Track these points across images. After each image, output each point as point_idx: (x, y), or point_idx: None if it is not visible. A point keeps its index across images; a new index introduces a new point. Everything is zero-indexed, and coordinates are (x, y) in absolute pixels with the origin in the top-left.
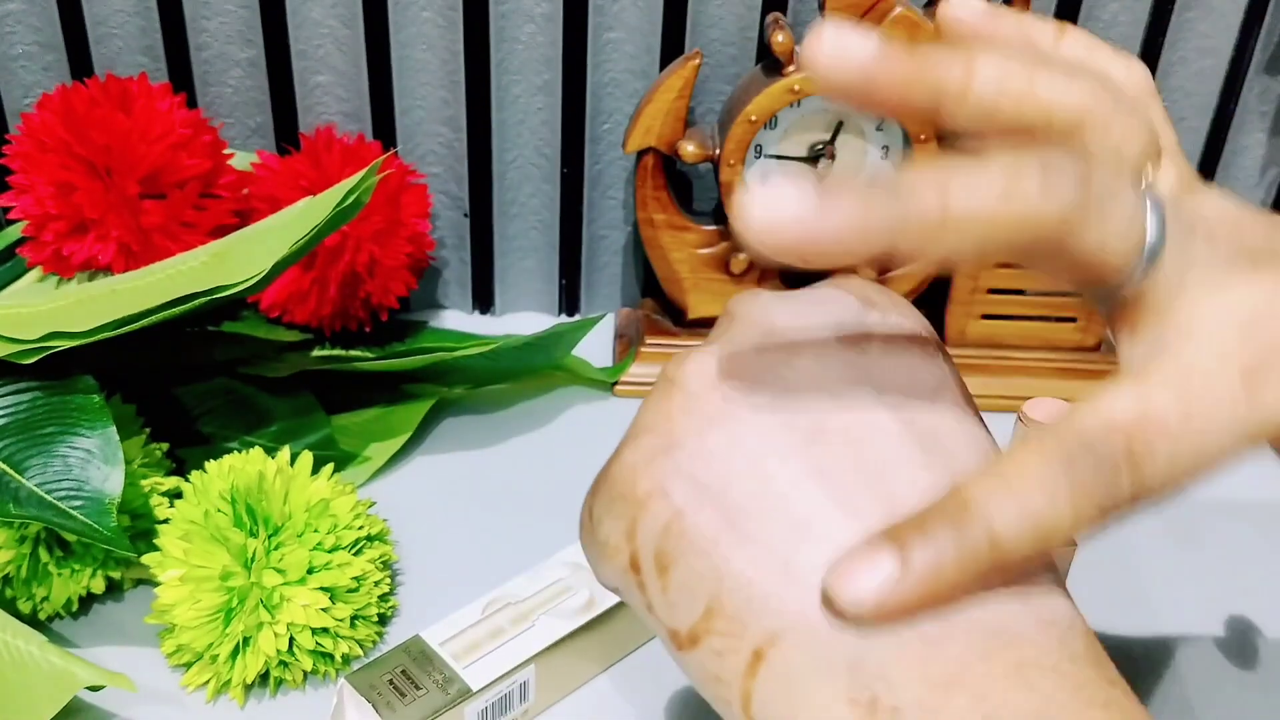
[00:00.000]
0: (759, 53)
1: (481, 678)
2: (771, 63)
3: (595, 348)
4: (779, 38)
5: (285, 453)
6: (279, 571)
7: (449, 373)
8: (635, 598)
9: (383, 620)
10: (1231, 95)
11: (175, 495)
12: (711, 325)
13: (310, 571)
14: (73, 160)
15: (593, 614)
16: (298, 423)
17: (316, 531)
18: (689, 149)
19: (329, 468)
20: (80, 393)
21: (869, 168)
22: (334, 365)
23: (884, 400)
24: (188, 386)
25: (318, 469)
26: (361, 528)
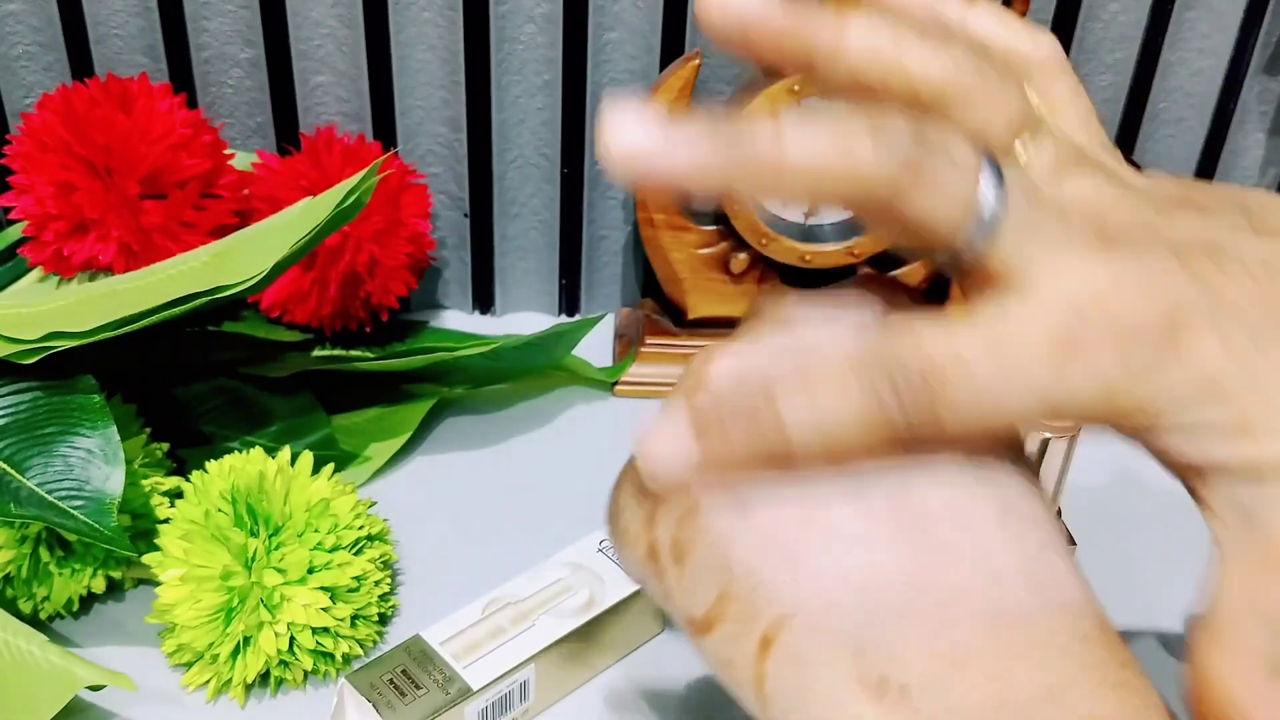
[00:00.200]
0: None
1: (481, 677)
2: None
3: (595, 348)
4: None
5: (285, 453)
6: (279, 571)
7: (449, 373)
8: (654, 586)
9: (383, 620)
10: (1231, 95)
11: (176, 495)
12: (711, 325)
13: (311, 571)
14: (73, 160)
15: (593, 614)
16: (298, 423)
17: (317, 531)
18: None
19: (329, 468)
20: (81, 393)
21: None
22: (334, 365)
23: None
24: (188, 386)
25: (318, 469)
26: (362, 527)
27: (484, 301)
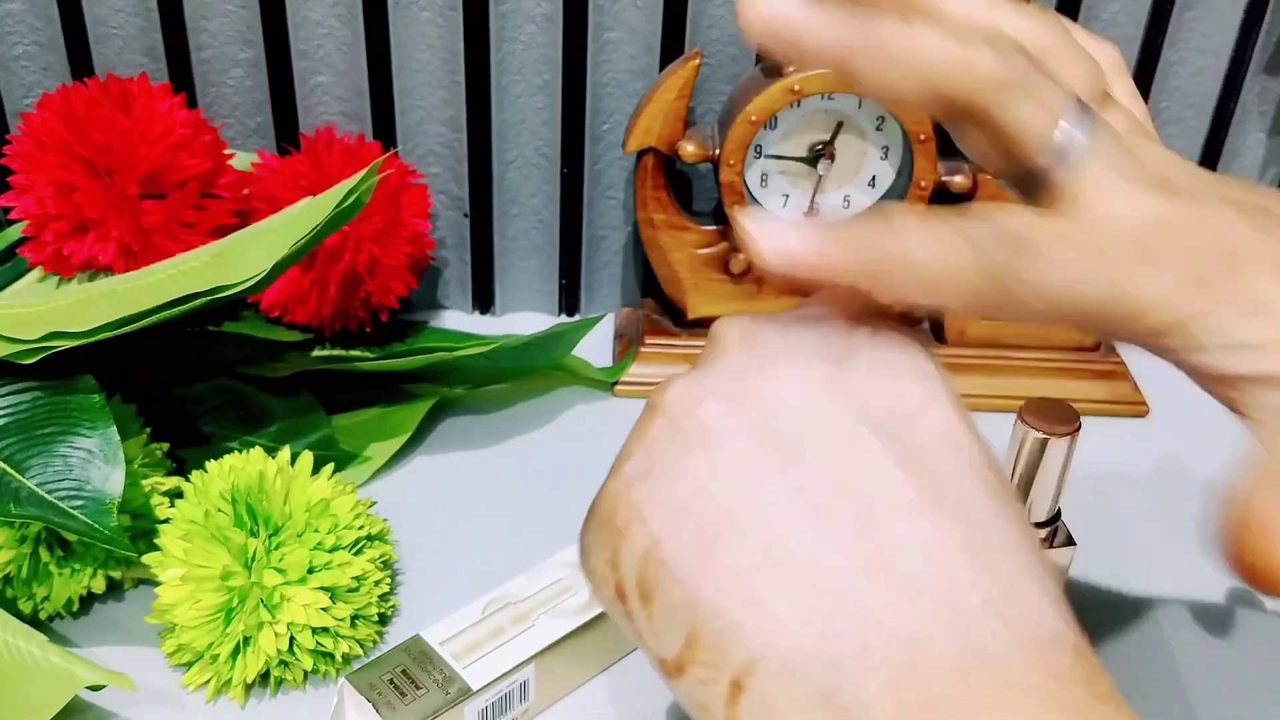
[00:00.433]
0: (759, 53)
1: (481, 677)
2: (771, 63)
3: (595, 348)
4: None
5: (285, 453)
6: (279, 571)
7: (449, 373)
8: (626, 626)
9: (383, 620)
10: (1231, 95)
11: (176, 495)
12: (711, 325)
13: (310, 571)
14: (73, 160)
15: (593, 614)
16: (298, 423)
17: (317, 531)
18: (689, 149)
19: (329, 468)
20: (81, 393)
21: (868, 168)
22: (334, 365)
23: (867, 419)
24: (188, 386)
25: (318, 469)
26: (361, 527)
27: (484, 301)
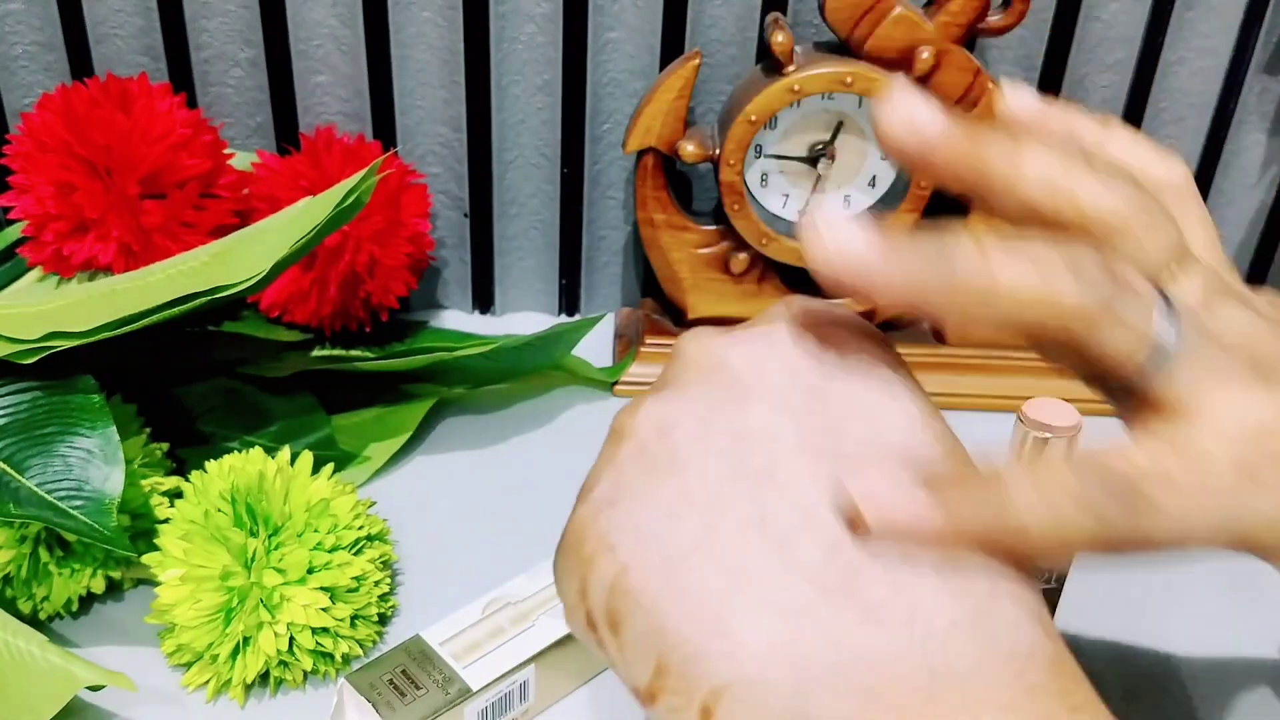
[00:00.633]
0: (759, 53)
1: (481, 677)
2: (771, 63)
3: (595, 348)
4: (779, 38)
5: (285, 453)
6: (279, 571)
7: (449, 373)
8: (600, 655)
9: (383, 620)
10: (1231, 95)
11: (175, 495)
12: (711, 325)
13: (310, 571)
14: (73, 160)
15: None
16: (298, 423)
17: (316, 531)
18: (689, 149)
19: (329, 468)
20: (80, 393)
21: (869, 168)
22: (334, 365)
23: (839, 439)
24: (188, 386)
25: (318, 469)
26: (361, 528)
27: (484, 301)
